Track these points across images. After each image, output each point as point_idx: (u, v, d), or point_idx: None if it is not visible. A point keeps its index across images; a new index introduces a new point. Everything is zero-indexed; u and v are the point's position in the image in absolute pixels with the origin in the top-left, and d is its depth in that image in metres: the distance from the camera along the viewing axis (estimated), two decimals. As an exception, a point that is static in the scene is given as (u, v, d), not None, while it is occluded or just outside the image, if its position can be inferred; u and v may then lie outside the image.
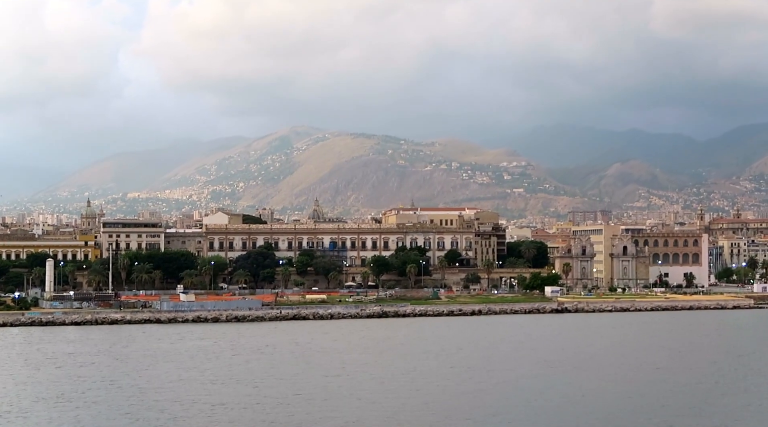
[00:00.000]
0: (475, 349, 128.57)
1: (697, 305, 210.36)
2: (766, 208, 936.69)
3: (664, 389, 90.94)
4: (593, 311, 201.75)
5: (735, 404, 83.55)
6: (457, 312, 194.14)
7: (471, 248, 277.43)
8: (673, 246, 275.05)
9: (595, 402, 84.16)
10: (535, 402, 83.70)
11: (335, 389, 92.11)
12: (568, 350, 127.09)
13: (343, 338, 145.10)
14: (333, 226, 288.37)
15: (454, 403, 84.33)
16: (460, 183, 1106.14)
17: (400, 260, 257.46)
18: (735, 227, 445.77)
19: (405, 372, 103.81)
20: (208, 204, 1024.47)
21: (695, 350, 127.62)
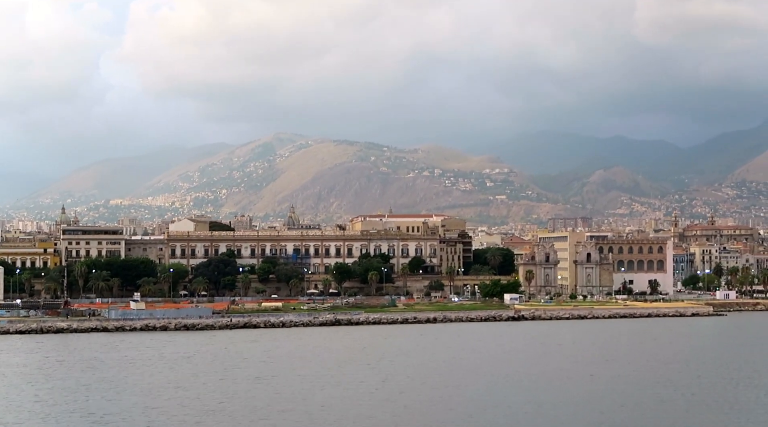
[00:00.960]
0: (401, 358, 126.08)
1: (656, 313, 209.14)
2: (748, 215, 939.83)
3: (585, 397, 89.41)
4: (550, 318, 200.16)
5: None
6: (411, 320, 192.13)
7: (435, 255, 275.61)
8: (638, 253, 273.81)
9: (506, 411, 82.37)
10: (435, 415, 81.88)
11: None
12: (493, 358, 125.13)
13: (275, 348, 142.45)
14: (296, 233, 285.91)
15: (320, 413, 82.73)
16: (443, 190, 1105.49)
17: (362, 267, 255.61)
18: (709, 233, 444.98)
19: (306, 381, 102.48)
20: (190, 211, 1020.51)
21: (629, 359, 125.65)
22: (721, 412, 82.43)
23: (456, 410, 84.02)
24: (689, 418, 79.67)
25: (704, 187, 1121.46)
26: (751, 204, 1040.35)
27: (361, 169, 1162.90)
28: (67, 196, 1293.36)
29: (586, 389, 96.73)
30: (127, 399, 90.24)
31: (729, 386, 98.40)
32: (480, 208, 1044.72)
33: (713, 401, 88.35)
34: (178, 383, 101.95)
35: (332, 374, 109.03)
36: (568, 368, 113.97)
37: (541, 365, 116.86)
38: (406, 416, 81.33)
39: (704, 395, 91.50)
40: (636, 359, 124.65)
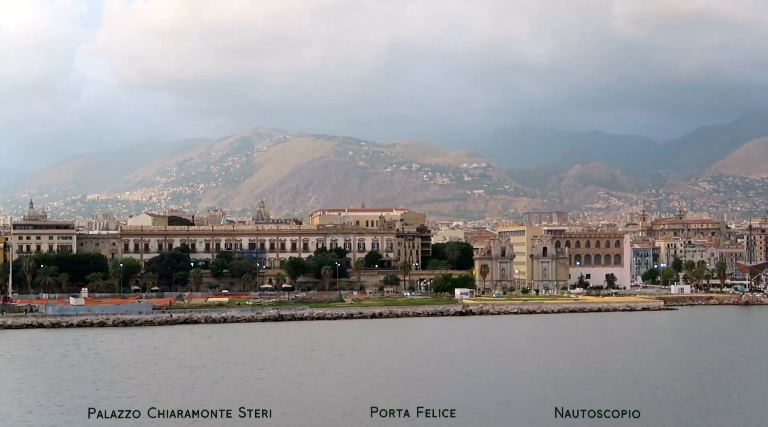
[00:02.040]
0: (326, 353, 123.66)
1: (606, 307, 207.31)
2: (724, 210, 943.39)
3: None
4: (498, 313, 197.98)
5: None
6: (356, 315, 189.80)
7: (392, 250, 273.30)
8: (596, 247, 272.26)
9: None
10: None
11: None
12: (414, 354, 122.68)
13: (198, 343, 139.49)
14: (252, 228, 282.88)
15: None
16: (421, 184, 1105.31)
17: (316, 262, 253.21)
18: (676, 228, 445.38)
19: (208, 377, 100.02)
20: (167, 205, 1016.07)
21: (536, 354, 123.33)
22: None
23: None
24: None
25: (681, 182, 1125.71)
26: (728, 198, 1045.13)
27: (338, 163, 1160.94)
28: (45, 191, 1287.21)
29: (460, 385, 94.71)
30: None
31: (609, 384, 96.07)
32: (457, 203, 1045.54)
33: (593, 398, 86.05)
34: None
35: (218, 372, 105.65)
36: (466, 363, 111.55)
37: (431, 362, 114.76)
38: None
39: (583, 390, 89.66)
40: (540, 354, 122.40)
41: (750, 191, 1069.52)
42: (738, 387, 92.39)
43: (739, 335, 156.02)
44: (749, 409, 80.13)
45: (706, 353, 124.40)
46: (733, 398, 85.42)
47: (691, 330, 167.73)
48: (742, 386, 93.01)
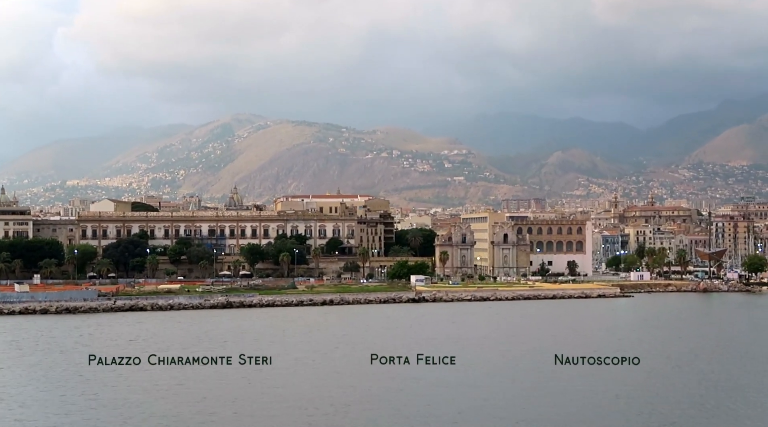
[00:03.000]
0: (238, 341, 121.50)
1: (561, 294, 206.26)
2: (704, 197, 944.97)
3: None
4: (451, 300, 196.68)
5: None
6: (307, 302, 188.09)
7: (353, 236, 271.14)
8: (557, 234, 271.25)
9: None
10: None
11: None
12: (329, 343, 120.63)
13: (126, 330, 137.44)
14: (211, 214, 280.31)
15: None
16: (401, 171, 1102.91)
17: (275, 249, 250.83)
18: (648, 215, 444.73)
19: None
20: (147, 192, 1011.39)
21: (460, 340, 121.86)
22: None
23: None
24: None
25: (661, 169, 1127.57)
26: (707, 185, 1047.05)
27: (319, 150, 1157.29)
28: (25, 177, 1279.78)
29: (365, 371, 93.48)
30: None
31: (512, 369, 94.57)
32: (438, 190, 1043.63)
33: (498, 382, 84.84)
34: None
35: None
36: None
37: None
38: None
39: (502, 376, 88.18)
40: (463, 340, 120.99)
41: (729, 178, 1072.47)
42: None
43: (674, 322, 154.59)
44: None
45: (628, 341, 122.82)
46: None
47: (635, 317, 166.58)
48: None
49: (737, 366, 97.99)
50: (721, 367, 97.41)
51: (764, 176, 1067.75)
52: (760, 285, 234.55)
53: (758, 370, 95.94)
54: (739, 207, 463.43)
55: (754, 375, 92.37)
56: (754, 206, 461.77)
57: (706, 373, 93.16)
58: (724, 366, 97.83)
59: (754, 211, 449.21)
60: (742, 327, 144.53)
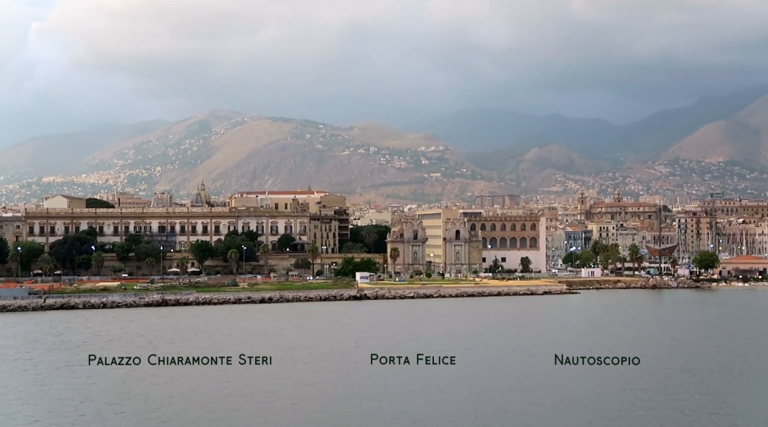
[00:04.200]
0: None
1: (506, 291, 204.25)
2: (680, 193, 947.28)
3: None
4: (393, 297, 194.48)
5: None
6: (245, 300, 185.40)
7: (306, 233, 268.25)
8: (511, 230, 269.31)
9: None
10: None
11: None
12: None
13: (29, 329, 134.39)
14: (162, 210, 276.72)
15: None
16: (378, 167, 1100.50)
17: (224, 245, 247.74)
18: (614, 211, 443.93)
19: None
20: (124, 188, 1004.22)
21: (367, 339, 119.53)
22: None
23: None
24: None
25: (638, 165, 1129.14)
26: (684, 182, 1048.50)
27: (296, 146, 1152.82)
28: (1, 173, 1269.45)
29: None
30: None
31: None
32: (415, 186, 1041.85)
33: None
34: None
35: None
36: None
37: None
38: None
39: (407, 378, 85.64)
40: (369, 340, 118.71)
41: (706, 175, 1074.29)
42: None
43: (605, 318, 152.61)
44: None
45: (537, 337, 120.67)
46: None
47: (569, 313, 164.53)
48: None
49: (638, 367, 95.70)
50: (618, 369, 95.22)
51: (740, 172, 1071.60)
52: (709, 281, 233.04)
53: (679, 375, 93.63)
54: (705, 203, 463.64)
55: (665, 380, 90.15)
56: (721, 203, 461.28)
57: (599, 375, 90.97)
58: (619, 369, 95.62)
59: (721, 207, 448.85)
60: (666, 324, 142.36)
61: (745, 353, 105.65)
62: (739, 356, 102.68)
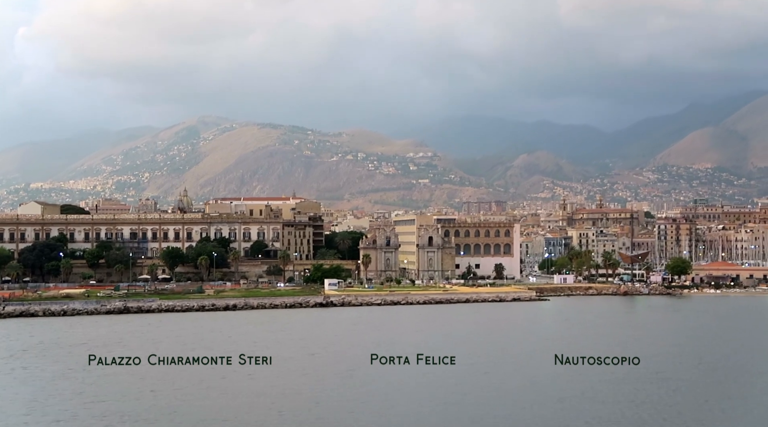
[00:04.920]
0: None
1: (474, 298, 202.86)
2: (668, 199, 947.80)
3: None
4: (360, 304, 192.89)
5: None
6: (209, 307, 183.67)
7: (278, 239, 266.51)
8: (485, 237, 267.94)
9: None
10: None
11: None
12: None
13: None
14: (133, 216, 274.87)
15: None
16: (366, 174, 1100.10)
17: (195, 252, 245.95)
18: (595, 217, 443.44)
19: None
20: (112, 194, 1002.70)
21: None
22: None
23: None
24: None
25: (626, 172, 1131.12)
26: (672, 188, 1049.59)
27: (284, 152, 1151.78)
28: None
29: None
30: None
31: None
32: (403, 192, 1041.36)
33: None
34: None
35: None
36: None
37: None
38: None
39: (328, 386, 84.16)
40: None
41: (693, 181, 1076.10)
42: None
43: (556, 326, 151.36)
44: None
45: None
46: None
47: (531, 320, 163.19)
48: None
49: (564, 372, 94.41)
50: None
51: (728, 179, 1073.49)
52: (681, 288, 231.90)
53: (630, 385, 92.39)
54: (687, 210, 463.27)
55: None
56: (703, 209, 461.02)
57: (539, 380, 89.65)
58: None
59: (703, 213, 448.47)
60: (628, 331, 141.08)
61: (704, 362, 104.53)
62: (698, 366, 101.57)
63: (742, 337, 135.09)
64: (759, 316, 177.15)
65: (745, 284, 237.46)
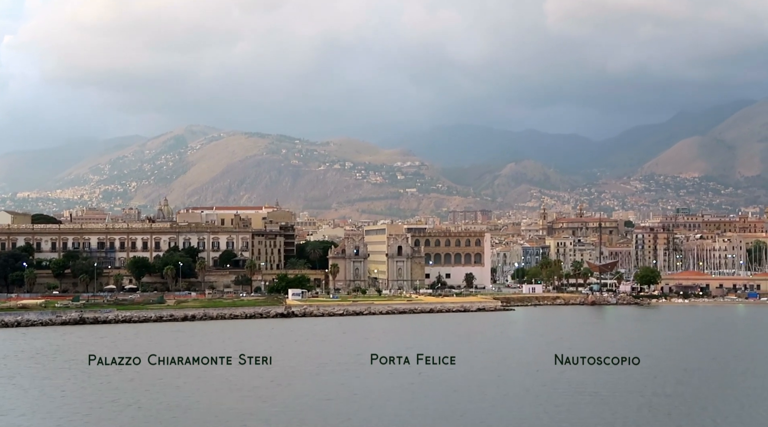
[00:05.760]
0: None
1: (438, 308, 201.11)
2: (655, 208, 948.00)
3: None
4: (322, 314, 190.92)
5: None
6: (167, 318, 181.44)
7: (248, 249, 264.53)
8: (456, 246, 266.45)
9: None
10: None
11: None
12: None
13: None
14: (101, 226, 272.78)
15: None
16: (354, 183, 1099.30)
17: (161, 262, 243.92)
18: (575, 226, 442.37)
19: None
20: (99, 204, 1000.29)
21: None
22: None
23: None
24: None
25: (613, 181, 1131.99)
26: (659, 197, 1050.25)
27: (271, 162, 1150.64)
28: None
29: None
30: None
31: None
32: (390, 201, 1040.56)
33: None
34: None
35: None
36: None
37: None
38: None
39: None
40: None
41: (681, 190, 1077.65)
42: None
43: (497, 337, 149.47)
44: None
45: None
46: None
47: (482, 331, 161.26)
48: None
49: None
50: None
51: (715, 188, 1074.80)
52: (649, 298, 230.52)
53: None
54: (667, 219, 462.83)
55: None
56: (683, 218, 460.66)
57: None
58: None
59: (683, 222, 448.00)
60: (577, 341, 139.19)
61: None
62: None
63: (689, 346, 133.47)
64: (720, 326, 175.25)
65: (713, 293, 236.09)
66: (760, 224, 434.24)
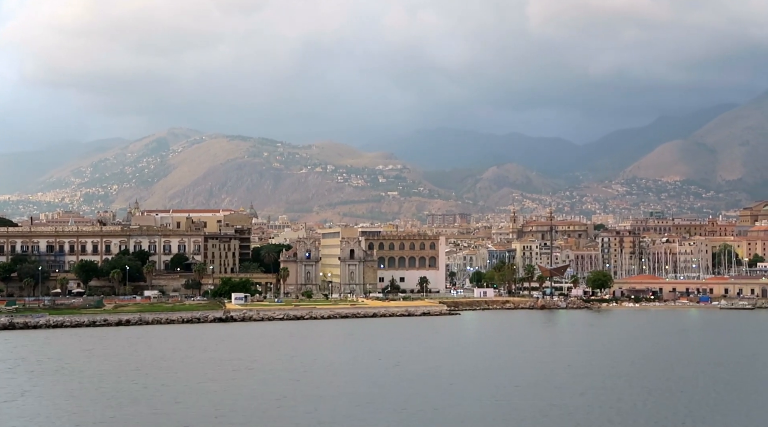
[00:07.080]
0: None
1: (382, 313, 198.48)
2: (637, 212, 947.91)
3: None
4: (262, 319, 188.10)
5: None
6: (100, 322, 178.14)
7: (200, 252, 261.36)
8: (410, 249, 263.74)
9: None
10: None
11: None
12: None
13: None
14: (50, 229, 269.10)
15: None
16: (335, 186, 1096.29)
17: (109, 265, 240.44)
18: (544, 230, 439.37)
19: None
20: (80, 207, 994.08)
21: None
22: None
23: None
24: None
25: (595, 184, 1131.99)
26: (640, 201, 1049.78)
27: (253, 165, 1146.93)
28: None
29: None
30: None
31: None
32: (372, 205, 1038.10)
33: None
34: None
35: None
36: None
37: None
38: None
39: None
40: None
41: (662, 194, 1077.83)
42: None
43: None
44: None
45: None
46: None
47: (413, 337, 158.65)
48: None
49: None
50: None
51: (696, 192, 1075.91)
52: (600, 302, 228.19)
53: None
54: (638, 222, 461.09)
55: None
56: (654, 222, 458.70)
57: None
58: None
59: (654, 226, 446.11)
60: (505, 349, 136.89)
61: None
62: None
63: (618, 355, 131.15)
64: (657, 331, 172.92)
65: (665, 297, 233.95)
66: (730, 227, 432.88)
